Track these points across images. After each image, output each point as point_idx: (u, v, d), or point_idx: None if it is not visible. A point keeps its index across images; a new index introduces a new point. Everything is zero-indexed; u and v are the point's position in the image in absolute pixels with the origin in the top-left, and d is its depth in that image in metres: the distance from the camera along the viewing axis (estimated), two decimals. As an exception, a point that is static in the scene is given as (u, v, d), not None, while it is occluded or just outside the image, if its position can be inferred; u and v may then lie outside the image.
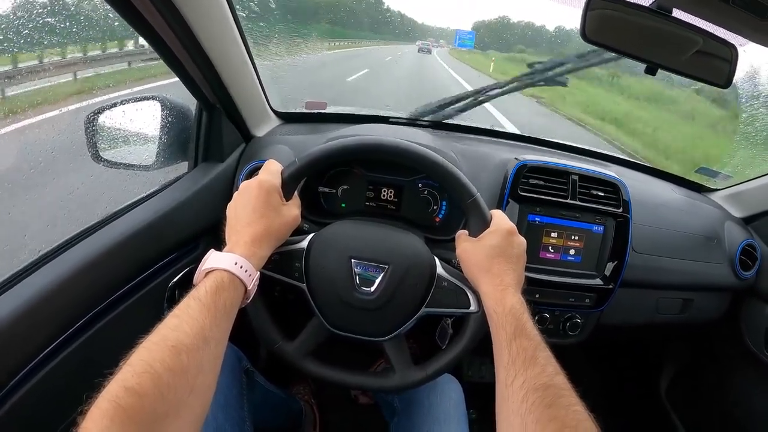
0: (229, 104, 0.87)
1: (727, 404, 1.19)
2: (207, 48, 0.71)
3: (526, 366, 0.51)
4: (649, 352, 1.40)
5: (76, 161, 0.86)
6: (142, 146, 0.88)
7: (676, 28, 0.72)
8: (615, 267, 0.93)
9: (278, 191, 0.63)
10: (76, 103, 1.08)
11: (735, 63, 0.77)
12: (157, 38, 0.67)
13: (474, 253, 0.63)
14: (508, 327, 0.55)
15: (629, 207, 0.93)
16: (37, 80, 1.14)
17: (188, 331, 0.46)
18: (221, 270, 0.53)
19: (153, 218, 0.75)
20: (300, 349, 0.68)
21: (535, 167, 0.92)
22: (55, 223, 0.78)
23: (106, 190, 0.89)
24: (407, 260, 0.66)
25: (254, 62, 0.89)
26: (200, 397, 0.45)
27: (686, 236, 1.04)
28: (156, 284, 0.77)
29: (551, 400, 0.47)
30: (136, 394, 0.39)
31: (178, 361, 0.43)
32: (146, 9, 0.61)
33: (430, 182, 0.92)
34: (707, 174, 1.24)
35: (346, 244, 0.67)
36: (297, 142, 0.97)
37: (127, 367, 0.42)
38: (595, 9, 0.72)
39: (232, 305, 0.53)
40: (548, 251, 0.92)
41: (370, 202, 0.93)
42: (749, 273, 1.06)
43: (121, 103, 0.83)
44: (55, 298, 0.58)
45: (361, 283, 0.65)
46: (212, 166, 0.89)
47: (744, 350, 1.11)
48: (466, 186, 0.65)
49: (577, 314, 0.95)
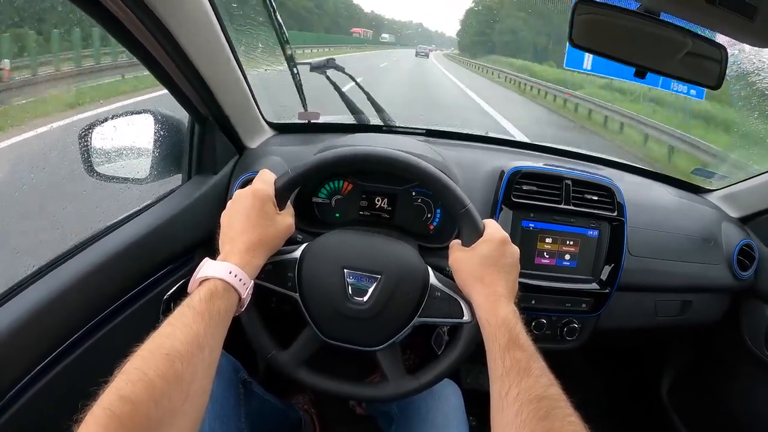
0: (220, 116, 0.87)
1: (728, 405, 1.18)
2: (196, 62, 0.72)
3: (520, 377, 0.51)
4: (650, 354, 1.39)
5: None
6: (135, 159, 0.89)
7: (665, 30, 0.72)
8: (611, 271, 0.92)
9: (272, 200, 0.63)
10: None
11: (725, 63, 0.77)
12: (146, 54, 0.68)
13: (466, 262, 0.63)
14: (501, 338, 0.55)
15: (624, 210, 0.92)
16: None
17: (182, 338, 0.46)
18: (215, 278, 0.53)
19: (147, 231, 0.75)
20: (293, 358, 0.68)
21: (529, 173, 0.91)
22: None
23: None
24: (400, 270, 0.66)
25: (245, 74, 0.90)
26: (195, 405, 0.45)
27: (683, 238, 1.03)
28: (151, 297, 0.78)
29: (546, 412, 0.47)
30: (130, 402, 0.39)
31: (172, 368, 0.43)
32: (134, 26, 0.62)
33: (424, 191, 0.91)
34: (703, 175, 1.24)
35: (338, 253, 0.67)
36: (290, 153, 0.97)
37: (121, 375, 0.42)
38: (582, 14, 0.72)
39: (227, 313, 0.53)
40: (543, 257, 0.92)
41: (364, 212, 0.93)
42: (747, 273, 1.05)
43: (113, 117, 0.84)
44: (50, 312, 0.58)
45: (354, 293, 0.65)
46: (206, 178, 0.90)
47: (744, 351, 1.10)
48: (458, 196, 0.65)
49: (575, 319, 0.95)
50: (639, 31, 0.73)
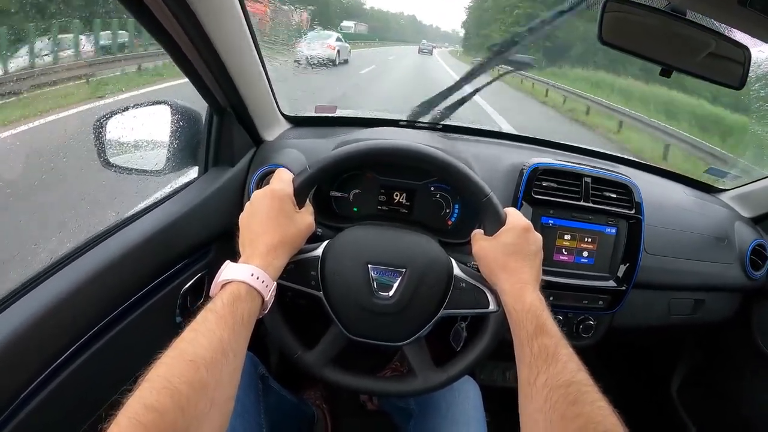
0: (240, 108, 0.86)
1: (737, 404, 1.19)
2: (221, 51, 0.70)
3: (548, 363, 0.51)
4: (661, 353, 1.40)
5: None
6: (151, 151, 0.87)
7: (690, 30, 0.72)
8: (628, 269, 0.92)
9: (291, 199, 0.62)
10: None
11: (748, 64, 0.77)
12: (170, 41, 0.66)
13: (491, 251, 0.62)
14: (528, 325, 0.55)
15: (641, 208, 0.92)
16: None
17: (206, 344, 0.45)
18: (238, 281, 0.52)
19: (164, 224, 0.74)
20: (320, 358, 0.67)
21: (548, 169, 0.91)
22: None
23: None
24: (424, 263, 0.65)
25: (265, 66, 0.89)
26: (220, 410, 0.45)
27: (697, 237, 1.04)
28: (168, 290, 0.77)
29: (575, 397, 0.47)
30: (155, 411, 0.39)
31: (197, 375, 0.43)
32: (160, 11, 0.60)
33: (442, 185, 0.91)
34: (716, 174, 1.24)
35: (361, 249, 0.66)
36: (307, 146, 0.96)
37: (145, 384, 0.41)
38: (610, 11, 0.72)
39: (250, 316, 0.52)
40: (562, 253, 0.92)
41: (382, 206, 0.92)
42: (760, 273, 1.06)
43: (130, 107, 0.83)
44: (67, 306, 0.57)
45: (379, 288, 0.64)
46: (223, 170, 0.89)
47: (755, 350, 1.11)
48: (479, 185, 0.65)
49: (591, 316, 0.95)
50: (665, 29, 0.73)
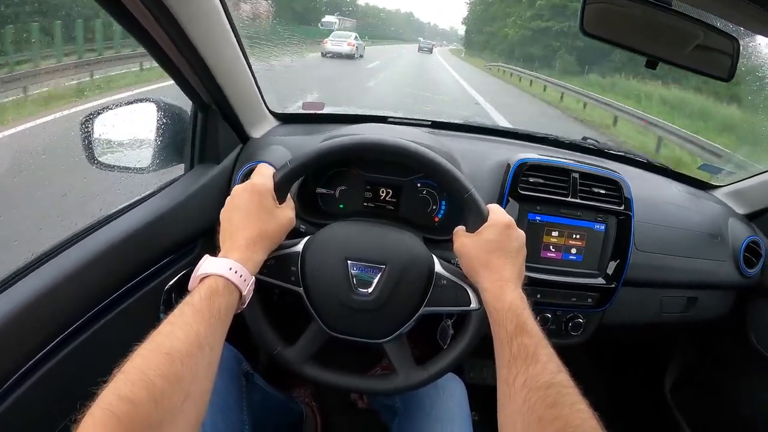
0: (224, 105, 0.86)
1: (732, 403, 1.18)
2: (200, 49, 0.70)
3: (527, 364, 0.50)
4: (654, 351, 1.38)
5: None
6: (137, 149, 0.87)
7: (676, 21, 0.71)
8: (617, 266, 0.91)
9: (271, 194, 0.62)
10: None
11: (737, 56, 0.75)
12: (149, 40, 0.66)
13: (472, 247, 0.62)
14: (508, 324, 0.54)
15: (631, 204, 0.91)
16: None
17: (182, 337, 0.45)
18: (216, 275, 0.52)
19: (149, 220, 0.74)
20: (300, 354, 0.67)
21: (535, 165, 0.90)
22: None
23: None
24: (404, 259, 0.65)
25: (250, 63, 0.89)
26: (195, 404, 0.45)
27: (689, 234, 1.02)
28: (152, 287, 0.77)
29: (554, 399, 0.46)
30: (130, 402, 0.39)
31: (172, 368, 0.43)
32: (138, 11, 0.61)
33: (429, 182, 0.91)
34: (710, 170, 1.23)
35: (341, 245, 0.66)
36: (294, 143, 0.96)
37: (120, 375, 0.41)
38: (592, 3, 0.71)
39: (227, 311, 0.52)
40: (549, 250, 0.91)
41: (368, 203, 0.92)
42: (754, 270, 1.04)
43: (116, 105, 0.83)
44: (49, 301, 0.57)
45: (358, 285, 0.64)
46: (208, 167, 0.89)
47: (749, 349, 1.09)
48: (461, 181, 0.64)
49: (580, 314, 0.94)
50: (650, 20, 0.71)
